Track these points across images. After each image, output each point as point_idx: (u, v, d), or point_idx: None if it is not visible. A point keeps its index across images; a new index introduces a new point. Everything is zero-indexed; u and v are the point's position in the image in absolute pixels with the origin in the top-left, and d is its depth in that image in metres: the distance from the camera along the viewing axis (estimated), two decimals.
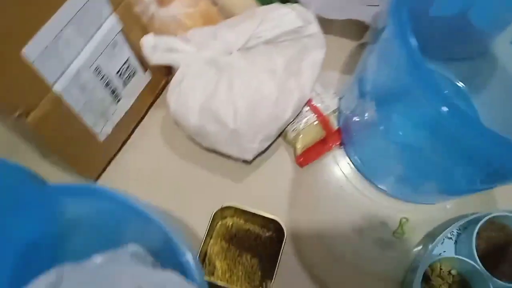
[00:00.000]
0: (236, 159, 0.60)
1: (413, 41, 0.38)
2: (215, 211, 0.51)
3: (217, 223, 0.54)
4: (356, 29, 0.66)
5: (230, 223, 0.54)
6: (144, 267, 0.33)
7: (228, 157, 0.60)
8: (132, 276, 0.30)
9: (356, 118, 0.57)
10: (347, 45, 0.68)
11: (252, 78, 0.52)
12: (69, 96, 0.45)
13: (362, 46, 0.65)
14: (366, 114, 0.55)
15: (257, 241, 0.53)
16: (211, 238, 0.53)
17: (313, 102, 0.59)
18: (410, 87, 0.40)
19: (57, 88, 0.43)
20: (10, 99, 0.39)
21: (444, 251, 0.53)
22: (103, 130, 0.53)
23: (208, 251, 0.53)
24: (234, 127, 0.52)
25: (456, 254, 0.52)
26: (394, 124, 0.51)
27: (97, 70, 0.48)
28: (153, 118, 0.63)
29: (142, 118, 0.62)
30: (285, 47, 0.54)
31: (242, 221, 0.54)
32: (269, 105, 0.52)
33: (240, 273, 0.51)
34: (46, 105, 0.43)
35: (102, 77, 0.49)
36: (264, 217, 0.51)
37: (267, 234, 0.54)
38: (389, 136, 0.52)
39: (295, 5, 0.56)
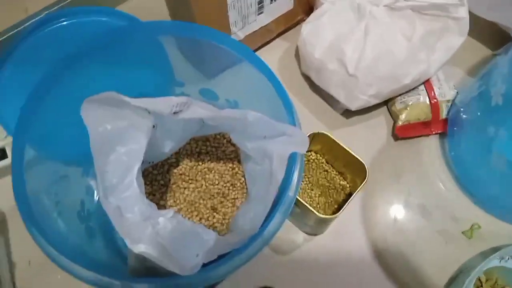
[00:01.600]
0: (338, 108, 0.62)
1: None
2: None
3: None
4: (496, 37, 0.65)
5: (313, 158, 0.56)
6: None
7: (331, 104, 0.62)
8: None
9: (467, 116, 0.57)
10: (481, 49, 0.67)
11: (388, 34, 0.53)
12: None
13: (495, 56, 0.64)
14: (479, 117, 0.55)
15: (330, 184, 0.55)
16: None
17: (432, 84, 0.59)
18: None
19: None
20: None
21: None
22: (237, 32, 0.57)
23: None
24: (353, 72, 0.54)
25: None
26: (505, 137, 0.51)
27: None
28: (276, 47, 0.67)
29: (267, 43, 0.66)
30: (428, 19, 0.55)
31: (323, 160, 0.56)
32: (393, 63, 0.53)
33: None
34: None
35: None
36: (347, 161, 0.52)
37: (342, 182, 0.55)
38: (495, 146, 0.52)
39: None
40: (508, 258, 0.52)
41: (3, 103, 0.54)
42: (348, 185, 0.55)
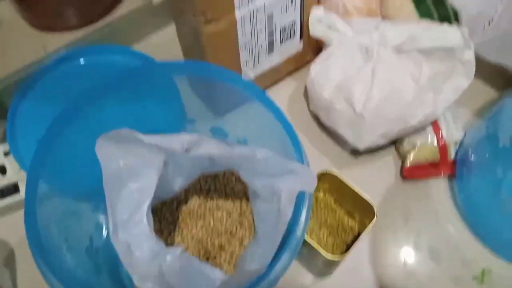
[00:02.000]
0: (346, 147, 0.62)
1: None
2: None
3: None
4: (503, 79, 0.66)
5: (321, 197, 0.56)
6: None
7: (339, 143, 0.63)
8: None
9: (475, 158, 0.57)
10: (488, 90, 0.68)
11: (395, 75, 0.55)
12: (242, 25, 0.51)
13: (502, 97, 0.65)
14: (487, 158, 0.55)
15: (338, 224, 0.55)
16: None
17: (439, 125, 0.60)
18: None
19: (238, 14, 0.50)
20: (206, 3, 0.46)
21: None
22: (248, 72, 0.59)
23: None
24: (361, 111, 0.55)
25: None
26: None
27: (270, 17, 0.54)
28: (286, 85, 0.68)
29: (277, 82, 0.68)
30: (435, 61, 0.56)
31: (332, 200, 0.56)
32: (401, 104, 0.54)
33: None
34: (223, 23, 0.49)
35: (270, 25, 0.55)
36: (355, 201, 0.52)
37: (350, 222, 0.55)
38: (504, 189, 0.52)
39: (460, 26, 0.58)
40: None
41: (19, 138, 0.55)
42: (356, 225, 0.55)
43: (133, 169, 0.36)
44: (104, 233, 0.50)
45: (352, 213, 0.55)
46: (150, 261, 0.32)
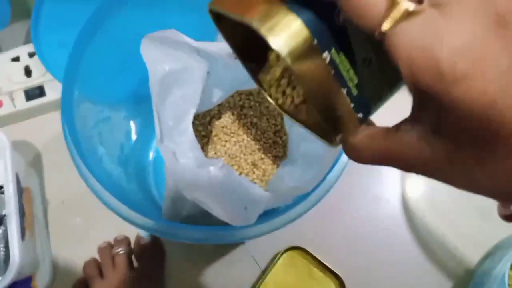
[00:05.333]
0: None
1: None
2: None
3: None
4: None
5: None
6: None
7: None
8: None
9: None
10: None
11: None
12: None
13: None
14: None
15: None
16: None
17: None
18: None
19: None
20: None
21: None
22: None
23: None
24: None
25: None
26: None
27: None
28: None
29: None
30: None
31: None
32: None
33: None
34: None
35: None
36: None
37: None
38: None
39: None
40: None
41: (44, 39, 0.53)
42: None
43: (179, 75, 0.34)
44: (133, 137, 0.49)
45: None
46: (197, 170, 0.32)
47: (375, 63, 0.18)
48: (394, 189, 0.54)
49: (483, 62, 0.13)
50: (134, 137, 0.49)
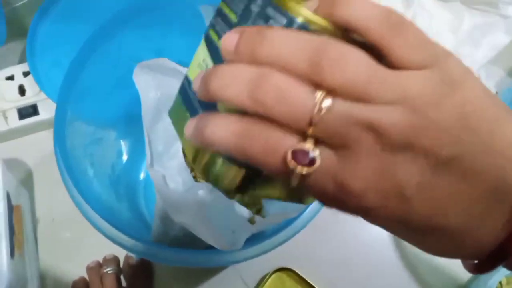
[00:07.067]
0: None
1: None
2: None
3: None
4: None
5: None
6: None
7: None
8: None
9: None
10: None
11: (435, 24, 0.52)
12: None
13: None
14: None
15: None
16: None
17: None
18: None
19: None
20: None
21: None
22: None
23: None
24: None
25: None
26: None
27: None
28: None
29: None
30: (476, 13, 0.54)
31: None
32: None
33: None
34: None
35: None
36: None
37: None
38: None
39: None
40: None
41: (39, 58, 0.53)
42: None
43: (169, 101, 0.35)
44: (124, 157, 0.49)
45: None
46: (185, 193, 0.32)
47: None
48: None
49: None
50: (125, 157, 0.49)
